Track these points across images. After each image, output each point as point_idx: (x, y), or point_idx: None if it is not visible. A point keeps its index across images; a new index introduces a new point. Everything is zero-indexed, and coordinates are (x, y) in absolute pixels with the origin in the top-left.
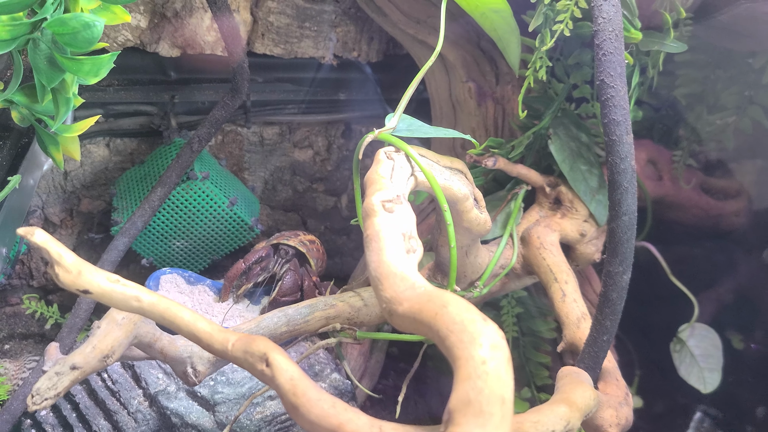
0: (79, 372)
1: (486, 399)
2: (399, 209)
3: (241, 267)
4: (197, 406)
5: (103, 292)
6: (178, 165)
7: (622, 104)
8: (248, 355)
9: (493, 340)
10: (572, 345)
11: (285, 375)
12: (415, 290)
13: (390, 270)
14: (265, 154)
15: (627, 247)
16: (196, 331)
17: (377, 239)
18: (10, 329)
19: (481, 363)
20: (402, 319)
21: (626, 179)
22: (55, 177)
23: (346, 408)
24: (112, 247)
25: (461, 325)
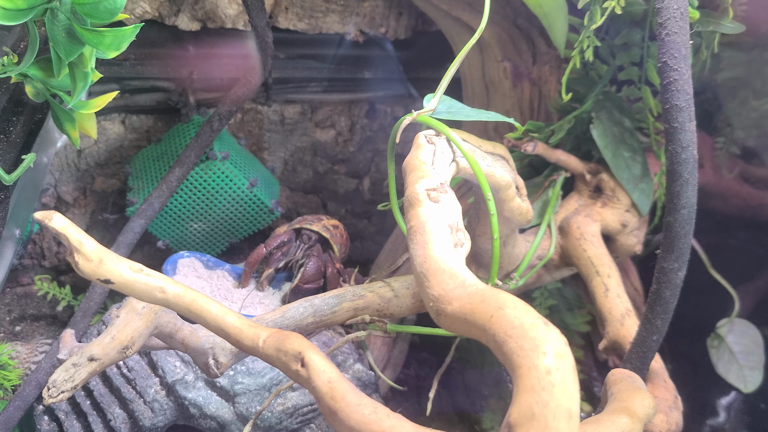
0: (98, 364)
1: (552, 413)
2: (444, 198)
3: (262, 252)
4: (216, 397)
5: (125, 283)
6: (198, 144)
7: (685, 88)
8: (281, 353)
9: (558, 347)
10: (615, 343)
11: (323, 377)
12: (466, 288)
13: (437, 266)
14: (285, 134)
15: (684, 243)
16: (224, 325)
17: (423, 232)
18: (22, 310)
19: (545, 373)
20: (451, 319)
21: (687, 170)
22: (69, 155)
23: (388, 414)
24: (128, 228)
25: (521, 329)
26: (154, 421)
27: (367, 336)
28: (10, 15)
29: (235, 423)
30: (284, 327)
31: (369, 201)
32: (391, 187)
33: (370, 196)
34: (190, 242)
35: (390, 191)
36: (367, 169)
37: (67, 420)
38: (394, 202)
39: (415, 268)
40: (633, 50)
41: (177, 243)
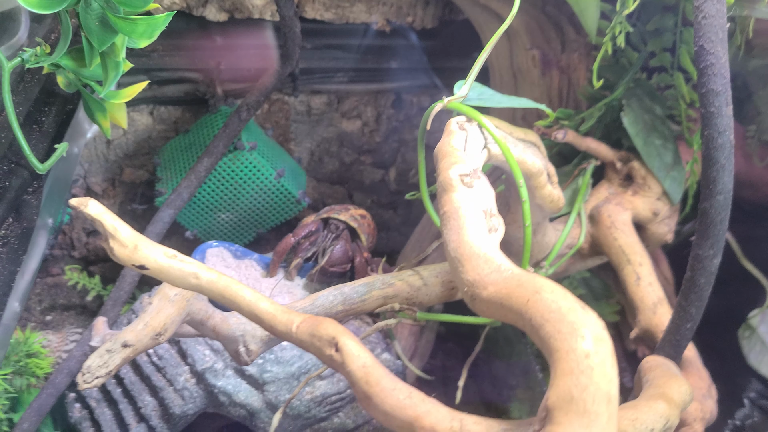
0: (131, 350)
1: (591, 397)
2: (478, 184)
3: (290, 242)
4: (245, 385)
5: (160, 268)
6: (226, 134)
7: (722, 72)
8: (315, 338)
9: (596, 331)
10: (647, 332)
11: (357, 362)
12: (501, 273)
13: (472, 251)
14: (312, 124)
15: (720, 230)
16: (258, 311)
17: (457, 217)
18: (52, 300)
19: (584, 357)
20: (486, 304)
21: (724, 155)
22: (98, 145)
23: (423, 399)
24: (158, 218)
25: (558, 313)
26: (184, 409)
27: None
28: (45, 4)
29: (264, 411)
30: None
31: (395, 191)
32: (421, 174)
33: (395, 186)
34: (218, 232)
35: (420, 179)
36: (393, 160)
37: (98, 407)
38: (424, 190)
39: (449, 253)
40: (665, 36)
41: (205, 233)
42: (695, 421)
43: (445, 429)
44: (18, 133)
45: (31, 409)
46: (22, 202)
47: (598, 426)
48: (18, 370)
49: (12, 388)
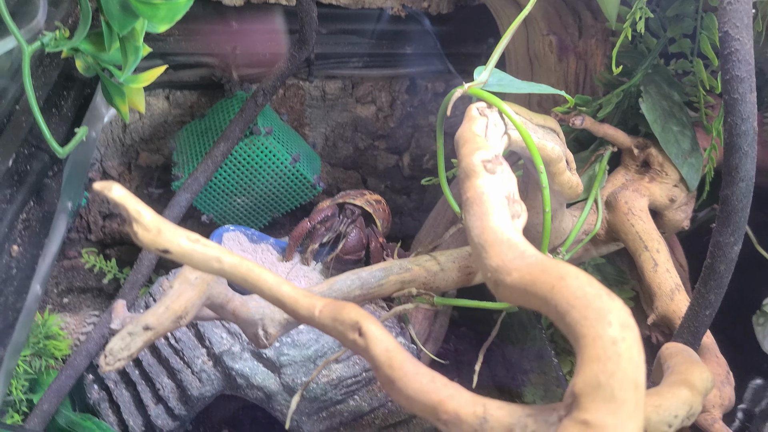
0: (152, 333)
1: (618, 383)
2: (500, 170)
3: (306, 226)
4: (263, 368)
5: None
6: (242, 119)
7: (747, 59)
8: (338, 323)
9: (623, 318)
10: (664, 318)
11: (380, 346)
12: (525, 259)
13: (496, 236)
14: (326, 110)
15: (741, 217)
16: (280, 295)
17: (480, 203)
18: (69, 283)
19: (611, 343)
20: (510, 290)
21: (746, 142)
22: (114, 129)
23: (446, 383)
24: (175, 203)
25: (584, 300)
26: (201, 391)
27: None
28: None
29: (281, 393)
30: None
31: (409, 177)
32: (440, 160)
33: (409, 172)
34: (234, 216)
35: (438, 164)
36: (407, 145)
37: (117, 389)
38: (442, 175)
39: (472, 239)
40: (686, 22)
41: (221, 217)
42: (714, 408)
43: (468, 413)
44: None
45: (51, 390)
46: (43, 186)
47: (626, 412)
48: (37, 352)
49: (31, 369)
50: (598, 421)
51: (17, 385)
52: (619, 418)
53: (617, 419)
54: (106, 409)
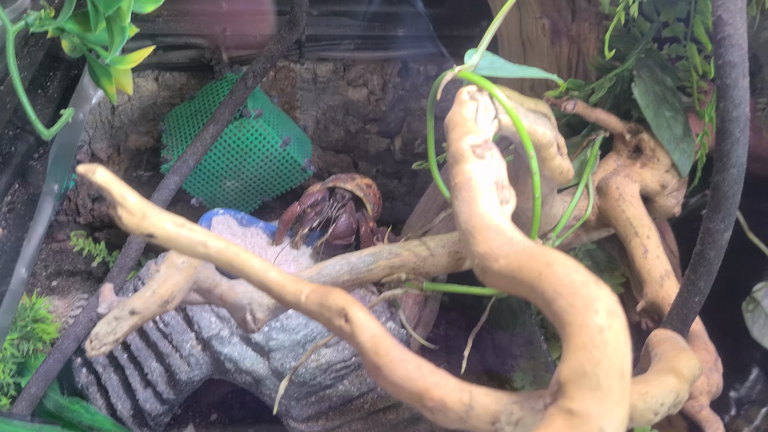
0: (139, 317)
1: (604, 372)
2: (489, 155)
3: (296, 210)
4: (251, 352)
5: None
6: (232, 101)
7: (740, 43)
8: (324, 308)
9: (610, 305)
10: (653, 305)
11: (367, 332)
12: (513, 245)
13: (484, 222)
14: (317, 92)
15: (731, 203)
16: (267, 280)
17: (469, 188)
18: (57, 266)
19: (597, 331)
20: (497, 277)
21: (738, 128)
22: (103, 111)
23: (432, 370)
24: (163, 186)
25: (571, 287)
26: (190, 375)
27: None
28: None
29: (270, 378)
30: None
31: (400, 161)
32: (429, 144)
33: (401, 156)
34: (224, 200)
35: (429, 149)
36: (399, 129)
37: (105, 373)
38: (432, 160)
39: (460, 225)
40: (679, 5)
41: (210, 200)
42: (701, 395)
43: (454, 401)
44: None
45: (38, 373)
46: (28, 168)
47: (611, 401)
48: (25, 335)
49: (19, 352)
50: (583, 409)
51: (4, 369)
52: (604, 407)
53: (603, 407)
54: (94, 393)
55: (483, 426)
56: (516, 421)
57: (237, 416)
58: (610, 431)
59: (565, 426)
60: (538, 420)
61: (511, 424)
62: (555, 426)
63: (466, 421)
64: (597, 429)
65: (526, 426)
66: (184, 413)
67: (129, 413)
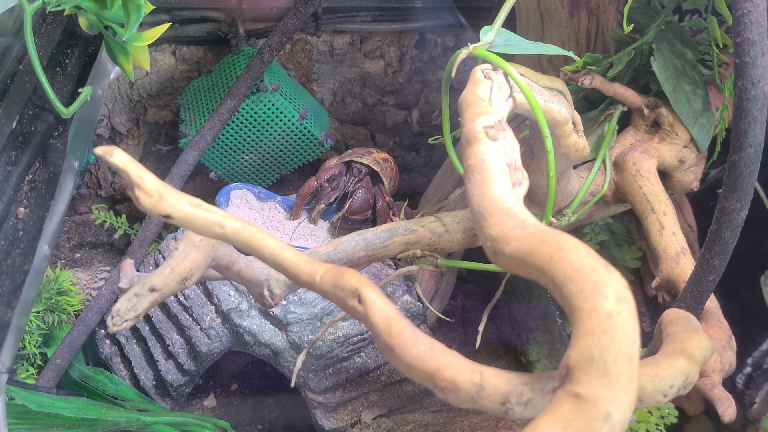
0: (158, 294)
1: (612, 357)
2: (502, 136)
3: (313, 185)
4: (270, 325)
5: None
6: (248, 76)
7: (759, 21)
8: (338, 289)
9: (619, 291)
10: (669, 281)
11: (380, 313)
12: (525, 229)
13: (496, 205)
14: (334, 65)
15: (748, 183)
16: (282, 260)
17: (481, 170)
18: (80, 238)
19: (606, 317)
20: (509, 260)
21: (756, 107)
22: (121, 86)
23: (444, 351)
24: (182, 160)
25: (581, 272)
26: (210, 347)
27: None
28: None
29: (288, 351)
30: (336, 260)
31: (417, 133)
32: (444, 122)
33: (418, 128)
34: (242, 174)
35: (443, 127)
36: (416, 101)
37: (128, 344)
38: (447, 137)
39: (472, 207)
40: None
41: (228, 174)
42: (714, 373)
43: (465, 381)
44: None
45: (63, 345)
46: (48, 147)
47: (619, 386)
48: (50, 308)
49: (44, 324)
50: (590, 394)
51: (30, 341)
52: (611, 392)
53: (610, 392)
54: (117, 364)
55: (493, 406)
56: (526, 402)
57: (257, 386)
58: (616, 416)
59: (572, 410)
60: (547, 401)
61: (521, 404)
62: (562, 410)
63: (477, 401)
64: (604, 413)
65: (535, 407)
66: (205, 383)
67: (152, 383)
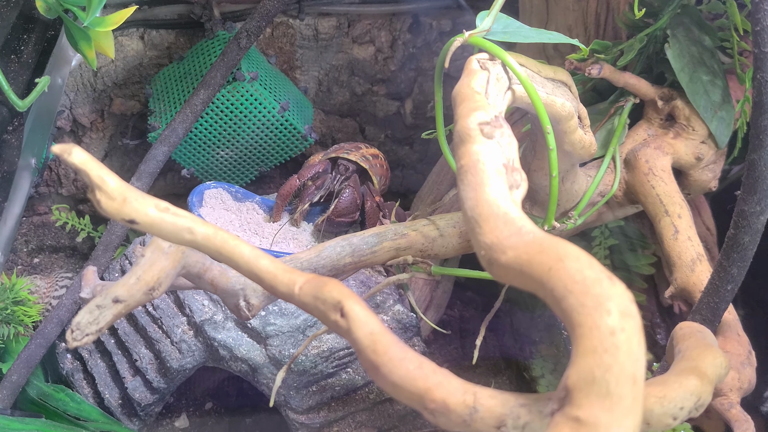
0: (123, 306)
1: (614, 378)
2: (499, 134)
3: (295, 184)
4: (247, 338)
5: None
6: (224, 63)
7: None
8: (319, 301)
9: (624, 305)
10: (683, 291)
11: (364, 329)
12: (522, 236)
13: (491, 210)
14: (319, 51)
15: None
16: (257, 269)
17: (475, 172)
18: (39, 241)
19: (609, 334)
20: (505, 270)
21: None
22: (84, 74)
23: (434, 370)
24: (151, 156)
25: (582, 285)
26: (182, 363)
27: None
28: None
29: (268, 366)
30: (320, 267)
31: (411, 125)
32: (438, 116)
33: (412, 120)
34: (217, 171)
35: (437, 121)
36: (410, 91)
37: (91, 359)
38: (441, 132)
39: (465, 212)
40: None
41: (203, 171)
42: (731, 391)
43: (457, 402)
44: None
45: (20, 359)
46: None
47: (622, 409)
48: (5, 319)
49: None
50: (591, 418)
51: None
52: (614, 416)
53: (612, 416)
54: (80, 381)
55: (488, 430)
56: (523, 426)
57: (233, 405)
58: None
59: None
60: (545, 425)
61: (517, 428)
62: None
63: (470, 424)
64: None
65: (533, 430)
66: (176, 402)
67: (117, 402)
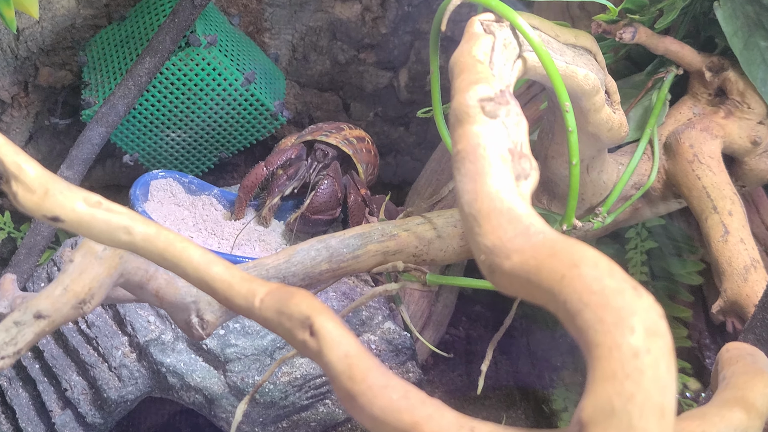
0: (47, 322)
1: (638, 410)
2: (504, 112)
3: (261, 173)
4: (202, 363)
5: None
6: (174, 25)
7: None
8: (284, 317)
9: (650, 322)
10: (735, 304)
11: (338, 350)
12: (530, 237)
13: (493, 205)
14: (293, 9)
15: None
16: (210, 278)
17: (474, 159)
18: None
19: (632, 356)
20: (509, 278)
21: None
22: (3, 38)
23: (423, 400)
24: (85, 139)
25: (601, 296)
26: (122, 393)
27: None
28: None
29: (227, 397)
30: (290, 275)
31: (406, 101)
32: (434, 91)
33: (407, 94)
34: (167, 157)
35: (433, 98)
36: (405, 59)
37: (11, 388)
38: (438, 110)
39: (462, 207)
40: None
41: (149, 158)
42: None
43: None
44: None
45: None
46: None
47: None
48: None
49: None
50: None
51: None
52: None
53: None
54: None
55: None
56: None
57: None
58: None
59: None
60: None
61: None
62: None
63: None
64: None
65: None
66: None
67: None
